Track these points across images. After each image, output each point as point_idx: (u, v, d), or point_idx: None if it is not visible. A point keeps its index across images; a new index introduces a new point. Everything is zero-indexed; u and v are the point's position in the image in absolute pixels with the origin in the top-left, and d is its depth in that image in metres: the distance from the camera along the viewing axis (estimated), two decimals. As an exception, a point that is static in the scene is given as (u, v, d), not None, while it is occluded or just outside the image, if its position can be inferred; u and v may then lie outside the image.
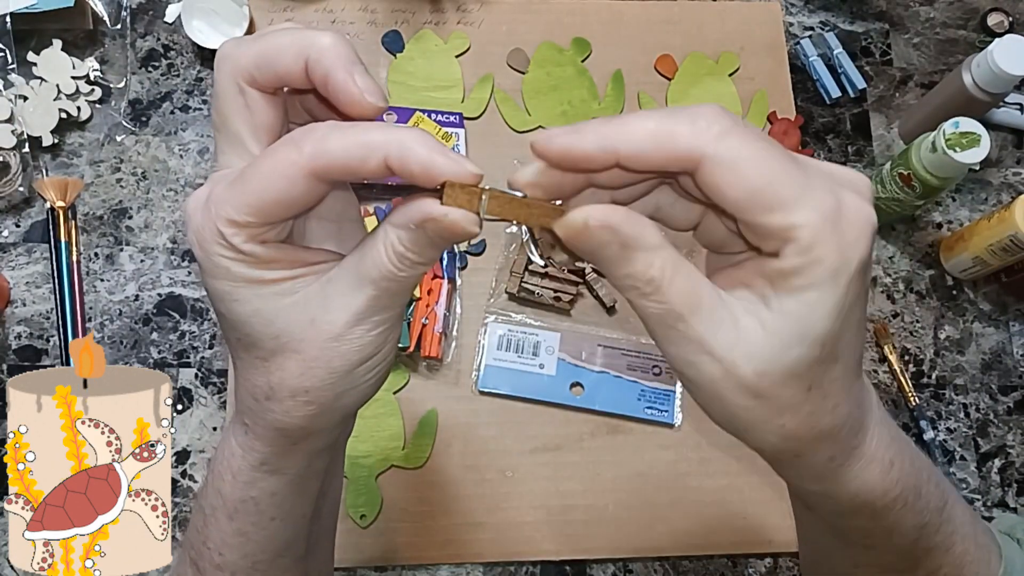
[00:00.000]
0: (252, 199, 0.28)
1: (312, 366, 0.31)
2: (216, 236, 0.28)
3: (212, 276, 0.30)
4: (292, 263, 0.30)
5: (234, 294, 0.30)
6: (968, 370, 0.69)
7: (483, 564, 0.62)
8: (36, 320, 0.64)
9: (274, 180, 0.28)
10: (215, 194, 0.29)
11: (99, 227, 0.67)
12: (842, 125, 0.75)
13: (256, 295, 0.30)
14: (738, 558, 0.64)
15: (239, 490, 0.35)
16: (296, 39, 0.28)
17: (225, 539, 0.37)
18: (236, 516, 0.36)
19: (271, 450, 0.34)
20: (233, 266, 0.29)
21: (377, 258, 0.29)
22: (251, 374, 0.32)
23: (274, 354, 0.31)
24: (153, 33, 0.72)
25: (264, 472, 0.35)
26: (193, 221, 0.29)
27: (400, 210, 0.29)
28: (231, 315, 0.30)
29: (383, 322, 0.30)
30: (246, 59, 0.28)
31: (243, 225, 0.28)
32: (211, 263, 0.29)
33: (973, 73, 0.65)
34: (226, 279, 0.29)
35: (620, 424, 0.65)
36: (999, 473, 0.67)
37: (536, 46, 0.74)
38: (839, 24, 0.78)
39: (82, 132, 0.69)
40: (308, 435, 0.34)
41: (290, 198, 0.28)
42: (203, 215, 0.29)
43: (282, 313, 0.30)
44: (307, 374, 0.31)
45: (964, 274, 0.71)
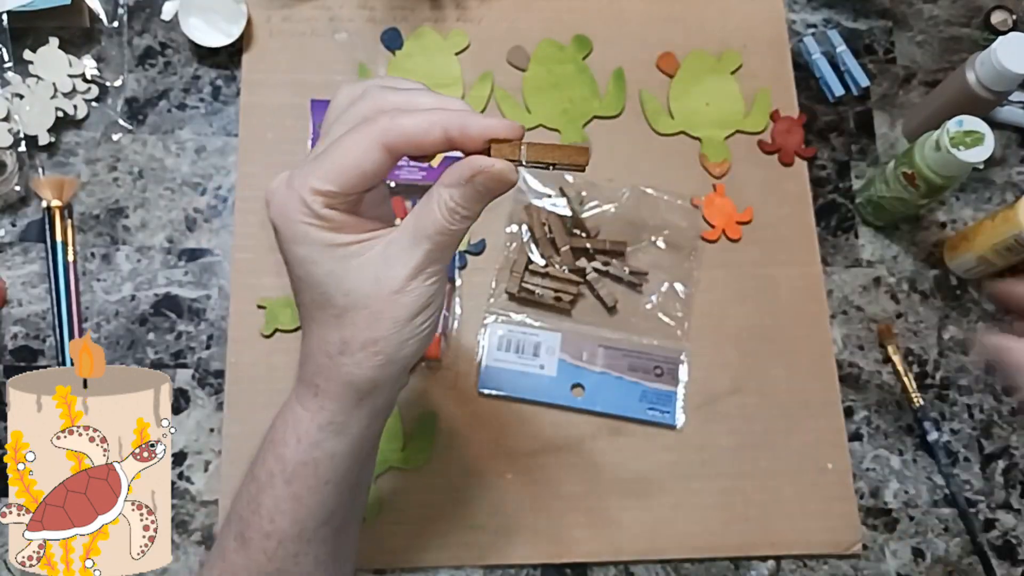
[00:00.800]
0: (334, 169, 0.34)
1: (379, 318, 0.36)
2: (300, 205, 0.35)
3: (294, 243, 0.36)
4: (357, 229, 0.36)
5: (312, 256, 0.36)
6: (972, 371, 0.69)
7: (483, 567, 0.61)
8: (32, 320, 0.64)
9: (353, 152, 0.34)
10: (298, 172, 0.35)
11: (95, 226, 0.66)
12: (845, 123, 0.75)
13: (330, 257, 0.36)
14: (740, 560, 0.63)
15: (302, 452, 0.39)
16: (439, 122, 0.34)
17: (279, 504, 0.40)
18: (294, 479, 0.40)
19: (339, 406, 0.39)
20: (312, 231, 0.35)
21: (432, 215, 0.35)
22: (325, 331, 0.37)
23: (346, 310, 0.36)
24: (150, 31, 0.72)
25: (330, 432, 0.39)
26: (277, 197, 0.36)
27: (451, 170, 0.35)
28: (309, 277, 0.36)
29: (434, 273, 0.36)
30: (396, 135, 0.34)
31: (324, 193, 0.34)
32: (293, 230, 0.35)
33: (977, 71, 0.65)
34: (306, 243, 0.35)
35: (621, 426, 0.65)
36: (1003, 474, 0.67)
37: (536, 43, 0.74)
38: (842, 21, 0.78)
39: (79, 130, 0.68)
40: (375, 387, 0.38)
41: (365, 168, 0.34)
42: (286, 191, 0.35)
43: (351, 273, 0.36)
44: (374, 325, 0.36)
45: (968, 274, 0.70)
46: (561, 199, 0.69)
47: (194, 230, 0.67)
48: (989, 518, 0.65)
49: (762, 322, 0.68)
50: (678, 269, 0.68)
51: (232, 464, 0.61)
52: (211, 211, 0.67)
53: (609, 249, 0.67)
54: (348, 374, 0.38)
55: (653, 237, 0.69)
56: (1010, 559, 0.65)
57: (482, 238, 0.68)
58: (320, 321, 0.37)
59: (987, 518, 0.65)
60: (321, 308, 0.37)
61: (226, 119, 0.70)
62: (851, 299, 0.70)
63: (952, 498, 0.65)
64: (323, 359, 0.38)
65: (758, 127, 0.73)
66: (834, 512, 0.64)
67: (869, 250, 0.71)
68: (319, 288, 0.36)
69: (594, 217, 0.69)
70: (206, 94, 0.70)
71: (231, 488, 0.60)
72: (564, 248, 0.66)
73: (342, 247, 0.36)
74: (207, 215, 0.67)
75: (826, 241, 0.71)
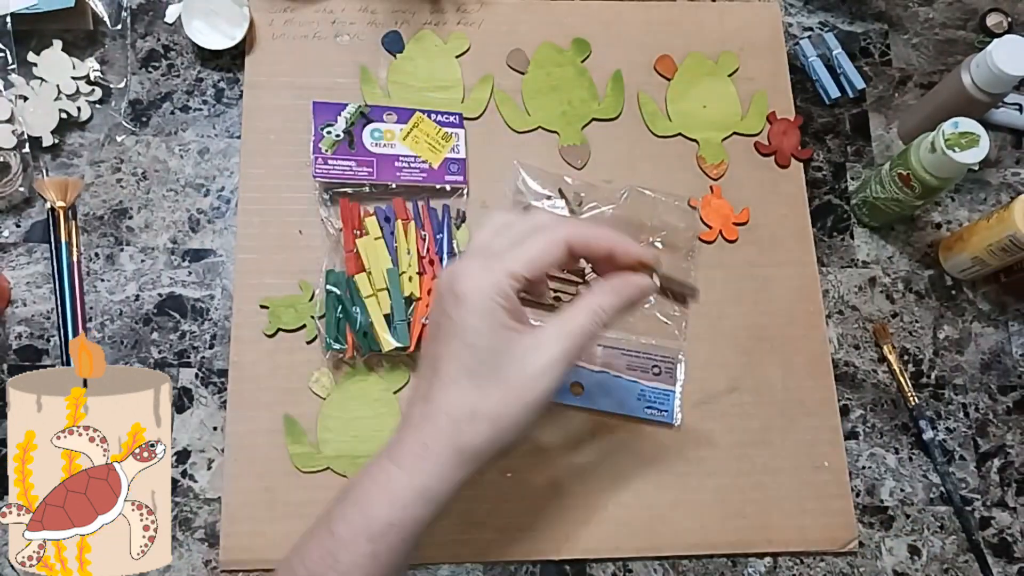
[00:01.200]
0: (531, 258, 0.42)
1: (509, 397, 0.41)
2: (497, 284, 0.41)
3: (475, 314, 0.41)
4: (522, 319, 0.43)
5: (484, 329, 0.41)
6: (967, 370, 0.70)
7: (483, 564, 0.62)
8: (37, 320, 0.64)
9: (548, 246, 0.43)
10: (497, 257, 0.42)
11: (99, 227, 0.67)
12: (841, 125, 0.75)
13: (500, 335, 0.41)
14: (738, 557, 0.64)
15: (392, 514, 0.42)
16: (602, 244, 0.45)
17: (357, 560, 0.42)
18: (378, 539, 0.43)
19: (441, 471, 0.42)
20: (497, 309, 0.41)
21: (578, 318, 0.43)
22: (461, 396, 0.42)
23: (489, 383, 0.41)
24: (153, 33, 0.72)
25: (423, 497, 0.42)
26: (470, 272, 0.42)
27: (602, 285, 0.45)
28: (475, 347, 0.41)
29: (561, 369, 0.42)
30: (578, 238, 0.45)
31: (518, 278, 0.42)
32: (484, 304, 0.41)
33: (972, 73, 0.65)
34: (487, 316, 0.41)
35: (620, 424, 0.65)
36: (998, 473, 0.67)
37: (536, 46, 0.74)
38: (838, 24, 0.78)
39: (82, 132, 0.69)
40: (478, 459, 0.43)
41: (551, 260, 0.43)
42: (483, 270, 0.42)
43: (507, 353, 0.42)
44: (504, 402, 0.41)
45: (963, 274, 0.71)
46: (560, 200, 0.70)
47: (197, 231, 0.68)
48: (985, 516, 0.66)
49: (759, 322, 0.69)
50: (676, 269, 0.69)
51: (235, 462, 0.62)
52: (214, 212, 0.68)
53: (608, 250, 0.68)
54: (464, 441, 0.42)
55: (651, 238, 0.69)
56: (1006, 556, 0.65)
57: (482, 239, 0.69)
58: (462, 387, 0.42)
59: (983, 516, 0.66)
60: (470, 376, 0.42)
61: (229, 121, 0.70)
62: (847, 299, 0.71)
63: (948, 496, 0.66)
64: (444, 423, 0.42)
65: (755, 129, 0.74)
66: (830, 510, 0.64)
67: (865, 251, 0.72)
68: (478, 358, 0.41)
69: (593, 218, 0.69)
70: (209, 96, 0.71)
71: (234, 486, 0.61)
72: (563, 249, 0.67)
73: (509, 331, 0.42)
74: (210, 216, 0.68)
75: (822, 242, 0.72)
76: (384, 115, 0.69)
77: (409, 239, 0.65)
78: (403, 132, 0.69)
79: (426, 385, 0.43)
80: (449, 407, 0.42)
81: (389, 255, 0.65)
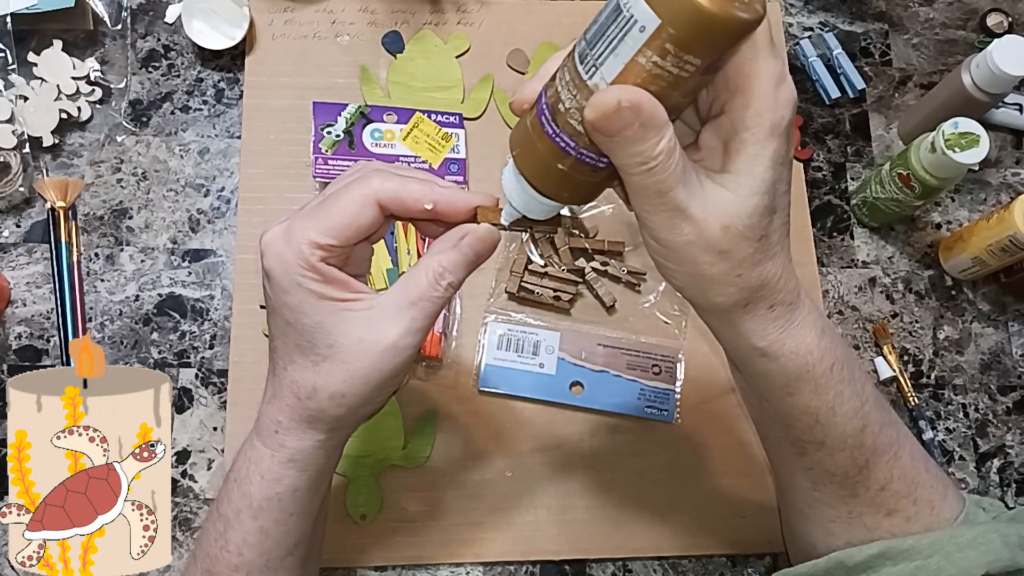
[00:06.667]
0: (332, 222, 0.37)
1: (352, 376, 0.38)
2: (298, 257, 0.37)
3: (287, 292, 0.38)
4: (345, 287, 0.38)
5: (303, 306, 0.38)
6: (967, 370, 0.70)
7: (483, 564, 0.62)
8: (36, 320, 0.64)
9: (349, 208, 0.37)
10: (296, 224, 0.37)
11: (99, 227, 0.67)
12: (841, 125, 0.75)
13: (320, 309, 0.38)
14: (737, 558, 0.64)
15: (266, 488, 0.41)
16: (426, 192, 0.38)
17: (247, 538, 0.42)
18: (260, 514, 0.42)
19: (299, 444, 0.41)
20: (307, 282, 0.37)
21: (419, 283, 0.38)
22: (301, 374, 0.39)
23: (324, 360, 0.38)
24: (153, 34, 0.72)
25: (291, 468, 0.41)
26: (274, 247, 0.38)
27: (440, 240, 0.39)
28: (297, 325, 0.38)
29: (411, 346, 0.38)
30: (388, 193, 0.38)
31: (322, 246, 0.37)
32: (289, 280, 0.37)
33: (972, 73, 0.65)
34: (299, 293, 0.37)
35: (620, 423, 0.65)
36: (998, 473, 0.67)
37: (536, 46, 0.74)
38: (838, 24, 0.78)
39: (82, 132, 0.69)
40: (331, 431, 0.41)
41: (360, 223, 0.37)
42: (284, 241, 0.37)
43: (337, 328, 0.38)
44: (347, 381, 0.39)
45: (963, 274, 0.71)
46: (560, 200, 0.69)
47: (197, 231, 0.68)
48: (984, 516, 0.66)
49: (759, 322, 0.69)
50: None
51: (235, 462, 0.62)
52: (214, 212, 0.68)
53: (607, 249, 0.68)
54: (311, 417, 0.40)
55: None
56: (1005, 556, 0.65)
57: (482, 239, 0.69)
58: (298, 365, 0.39)
59: (982, 516, 0.66)
60: (303, 354, 0.39)
61: (229, 121, 0.70)
62: (847, 299, 0.71)
63: (947, 496, 0.66)
64: (291, 399, 0.40)
65: (755, 129, 0.74)
66: (830, 510, 0.64)
67: (865, 251, 0.72)
68: (305, 336, 0.38)
69: (592, 218, 0.70)
70: (209, 96, 0.71)
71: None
72: (563, 248, 0.67)
73: (332, 302, 0.38)
74: (210, 216, 0.68)
75: (822, 242, 0.72)
76: (384, 115, 0.69)
77: (409, 239, 0.66)
78: (403, 132, 0.69)
79: (272, 359, 0.42)
80: (292, 384, 0.40)
81: (389, 255, 0.65)
